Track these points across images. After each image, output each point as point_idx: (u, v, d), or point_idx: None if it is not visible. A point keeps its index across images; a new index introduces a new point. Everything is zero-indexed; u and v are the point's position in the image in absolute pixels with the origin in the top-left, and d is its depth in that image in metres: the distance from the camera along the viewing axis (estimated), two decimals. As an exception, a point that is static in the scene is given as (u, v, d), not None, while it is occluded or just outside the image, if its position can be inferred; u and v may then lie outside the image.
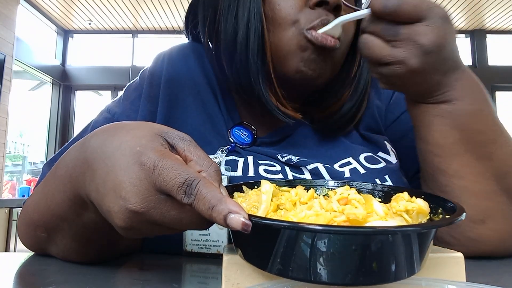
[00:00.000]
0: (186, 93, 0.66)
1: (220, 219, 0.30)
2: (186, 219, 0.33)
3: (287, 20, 0.56)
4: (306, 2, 0.56)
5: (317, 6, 0.55)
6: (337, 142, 0.66)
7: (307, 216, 0.32)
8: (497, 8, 4.99)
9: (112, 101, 0.69)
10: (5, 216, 3.50)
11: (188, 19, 0.71)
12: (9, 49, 4.22)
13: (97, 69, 5.69)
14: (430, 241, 0.31)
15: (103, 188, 0.34)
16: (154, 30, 5.69)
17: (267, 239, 0.30)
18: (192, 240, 0.55)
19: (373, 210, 0.32)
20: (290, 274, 0.29)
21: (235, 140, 0.63)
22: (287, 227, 0.28)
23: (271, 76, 0.58)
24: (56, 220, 0.45)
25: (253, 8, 0.57)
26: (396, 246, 0.28)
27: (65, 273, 0.45)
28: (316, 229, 0.27)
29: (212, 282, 0.44)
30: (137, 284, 0.41)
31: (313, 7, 0.56)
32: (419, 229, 0.28)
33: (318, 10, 0.55)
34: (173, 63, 0.67)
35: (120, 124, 0.39)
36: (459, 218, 0.30)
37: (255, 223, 0.29)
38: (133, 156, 0.33)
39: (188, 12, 0.70)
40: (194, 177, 0.31)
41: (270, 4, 0.57)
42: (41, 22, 5.25)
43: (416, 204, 0.34)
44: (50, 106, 5.54)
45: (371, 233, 0.27)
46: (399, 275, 0.28)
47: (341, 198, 0.34)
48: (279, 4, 0.57)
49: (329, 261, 0.27)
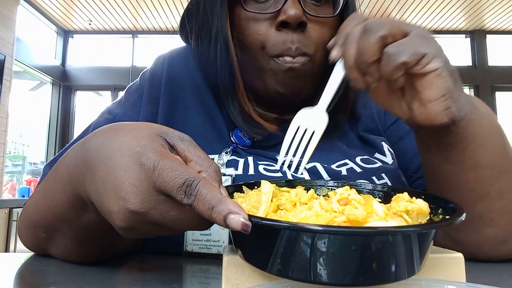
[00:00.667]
0: (187, 94, 0.66)
1: (220, 220, 0.30)
2: (186, 219, 0.33)
3: (255, 46, 0.57)
4: (272, 24, 0.56)
5: (282, 27, 0.55)
6: (334, 146, 0.66)
7: (307, 217, 0.32)
8: (497, 8, 4.99)
9: (112, 102, 0.69)
10: (5, 216, 3.49)
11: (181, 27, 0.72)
12: (9, 49, 4.22)
13: (97, 69, 5.68)
14: (430, 241, 0.31)
15: (103, 189, 0.34)
16: (154, 30, 5.69)
17: (267, 240, 0.30)
18: (193, 240, 0.55)
19: (373, 211, 0.33)
20: (290, 275, 0.29)
21: (237, 141, 0.64)
22: (287, 228, 0.28)
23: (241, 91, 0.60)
24: (56, 221, 0.45)
25: (219, 32, 0.58)
26: (396, 246, 0.28)
27: (65, 273, 0.45)
28: (316, 229, 0.27)
29: (212, 283, 0.44)
30: (137, 284, 0.41)
31: (278, 29, 0.56)
32: (419, 229, 0.28)
33: (283, 31, 0.56)
34: (173, 65, 0.68)
35: (120, 125, 0.39)
36: (459, 218, 0.30)
37: (255, 223, 0.29)
38: (133, 157, 0.33)
39: (182, 21, 0.71)
40: (194, 177, 0.32)
41: (239, 29, 0.58)
42: (41, 22, 5.25)
43: (416, 205, 0.34)
44: (50, 106, 5.53)
45: (371, 234, 0.27)
46: (399, 276, 0.28)
47: (341, 198, 0.34)
48: (246, 29, 0.57)
49: (329, 262, 0.27)
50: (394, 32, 0.40)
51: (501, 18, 5.27)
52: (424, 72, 0.40)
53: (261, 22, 0.57)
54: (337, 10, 0.58)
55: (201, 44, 0.62)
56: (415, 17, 5.25)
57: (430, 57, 0.39)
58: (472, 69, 5.62)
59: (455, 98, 0.41)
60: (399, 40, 0.40)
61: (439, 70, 0.40)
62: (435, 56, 0.40)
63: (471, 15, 5.21)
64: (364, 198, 0.34)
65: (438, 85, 0.40)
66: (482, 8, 5.00)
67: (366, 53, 0.40)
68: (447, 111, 0.41)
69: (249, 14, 0.57)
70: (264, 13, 0.56)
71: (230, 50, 0.58)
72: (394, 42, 0.40)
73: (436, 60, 0.39)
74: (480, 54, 5.63)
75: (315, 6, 0.58)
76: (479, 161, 0.47)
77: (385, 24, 0.40)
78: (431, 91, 0.40)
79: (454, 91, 0.41)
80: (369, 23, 0.41)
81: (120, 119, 0.64)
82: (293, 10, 0.53)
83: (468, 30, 5.67)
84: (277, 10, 0.55)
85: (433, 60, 0.39)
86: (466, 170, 0.47)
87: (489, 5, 4.90)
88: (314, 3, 0.58)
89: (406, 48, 0.39)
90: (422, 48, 0.39)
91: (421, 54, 0.39)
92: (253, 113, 0.60)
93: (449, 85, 0.40)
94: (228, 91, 0.60)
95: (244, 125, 0.60)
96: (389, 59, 0.39)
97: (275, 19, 0.55)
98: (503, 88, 5.60)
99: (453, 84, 0.41)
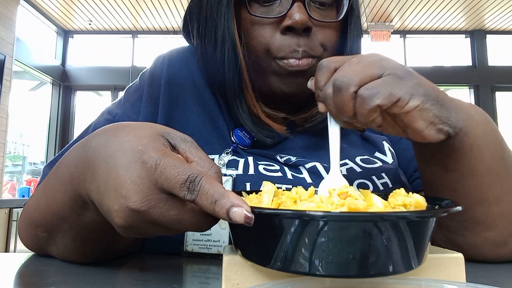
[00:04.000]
0: (187, 94, 0.66)
1: (223, 213, 0.30)
2: (186, 219, 0.33)
3: (260, 49, 0.57)
4: (277, 28, 0.56)
5: (287, 31, 0.56)
6: None
7: (309, 208, 0.32)
8: (497, 8, 4.99)
9: (112, 102, 0.69)
10: (5, 216, 3.49)
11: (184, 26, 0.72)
12: (9, 49, 4.22)
13: (97, 69, 5.68)
14: (428, 235, 0.31)
15: (104, 187, 0.34)
16: (154, 30, 5.68)
17: (269, 232, 0.30)
18: (193, 240, 0.55)
19: (373, 203, 0.33)
20: (292, 268, 0.29)
21: (237, 141, 0.64)
22: (289, 215, 0.28)
23: (249, 92, 0.59)
24: (56, 220, 0.45)
25: (226, 34, 0.58)
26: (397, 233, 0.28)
27: (65, 273, 0.45)
28: (318, 215, 0.27)
29: (212, 283, 0.44)
30: (137, 284, 0.41)
31: (283, 33, 0.56)
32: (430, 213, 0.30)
33: (288, 35, 0.56)
34: (173, 65, 0.68)
35: (122, 124, 0.39)
36: (455, 208, 0.31)
37: (257, 214, 0.29)
38: (134, 155, 0.33)
39: (185, 19, 0.71)
40: (197, 173, 0.32)
41: (245, 31, 0.58)
42: (41, 22, 5.24)
43: (414, 199, 0.34)
44: (50, 107, 5.53)
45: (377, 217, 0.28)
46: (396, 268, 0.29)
47: (341, 192, 0.34)
48: (251, 32, 0.58)
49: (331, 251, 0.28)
50: (365, 81, 0.40)
51: (501, 18, 5.27)
52: (405, 112, 0.39)
53: (266, 26, 0.57)
54: (341, 15, 0.58)
55: (205, 44, 0.62)
56: (415, 17, 5.25)
57: (407, 98, 0.39)
58: (472, 69, 5.62)
59: (444, 120, 0.41)
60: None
61: (421, 105, 0.39)
62: (412, 95, 0.39)
63: (471, 15, 5.21)
64: (363, 193, 0.35)
65: (424, 117, 0.40)
66: (482, 8, 5.00)
67: (344, 111, 0.41)
68: (441, 132, 0.41)
69: (254, 17, 0.57)
70: (269, 18, 0.56)
71: (238, 52, 0.58)
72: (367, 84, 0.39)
73: (414, 98, 0.39)
74: (480, 54, 5.63)
75: (320, 10, 0.58)
76: (476, 169, 0.47)
77: (354, 76, 0.40)
78: (418, 123, 0.40)
79: (442, 115, 0.41)
80: (337, 78, 0.41)
81: (119, 119, 0.64)
82: (298, 15, 0.53)
83: (468, 30, 5.67)
84: (283, 14, 0.55)
85: (411, 100, 0.39)
86: (463, 178, 0.48)
87: (489, 5, 4.90)
88: (318, 7, 0.58)
89: (379, 90, 0.39)
90: (396, 90, 0.39)
91: (396, 97, 0.39)
92: (262, 114, 0.60)
93: (435, 113, 0.40)
94: (237, 93, 0.59)
95: (253, 127, 0.60)
96: (363, 102, 0.39)
97: (280, 23, 0.56)
98: (503, 88, 5.60)
99: (439, 109, 0.40)
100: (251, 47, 0.58)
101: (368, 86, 0.39)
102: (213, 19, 0.59)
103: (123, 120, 0.63)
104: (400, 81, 0.39)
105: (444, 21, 5.38)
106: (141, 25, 5.56)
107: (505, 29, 5.62)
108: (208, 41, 0.61)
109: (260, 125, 0.61)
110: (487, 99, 5.48)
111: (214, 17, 0.59)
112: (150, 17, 5.30)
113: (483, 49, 5.66)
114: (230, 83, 0.59)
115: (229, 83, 0.59)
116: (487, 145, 0.47)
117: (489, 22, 5.43)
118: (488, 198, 0.48)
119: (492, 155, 0.48)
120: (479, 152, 0.46)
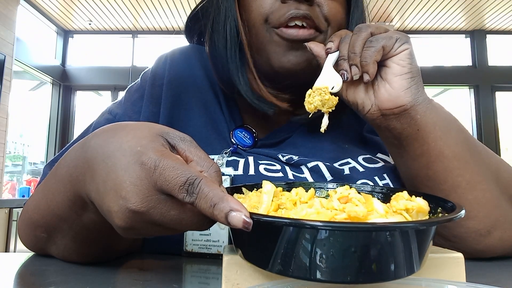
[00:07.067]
0: (189, 94, 0.66)
1: (221, 217, 0.30)
2: (186, 219, 0.33)
3: (258, 20, 0.58)
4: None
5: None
6: (336, 145, 0.66)
7: (308, 214, 0.32)
8: (497, 8, 4.98)
9: (113, 102, 0.69)
10: (5, 216, 3.49)
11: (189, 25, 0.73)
12: (9, 49, 4.22)
13: (97, 69, 5.68)
14: (430, 239, 0.31)
15: (103, 188, 0.34)
16: (154, 30, 5.68)
17: (268, 237, 0.30)
18: (193, 240, 0.55)
19: (374, 209, 0.33)
20: (291, 273, 0.29)
21: (237, 142, 0.64)
22: (288, 224, 0.28)
23: (252, 71, 0.60)
24: (56, 220, 0.45)
25: (228, 12, 0.60)
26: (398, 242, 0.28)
27: (65, 274, 0.45)
28: (317, 225, 0.27)
29: (212, 283, 0.44)
30: (137, 284, 0.41)
31: (284, 1, 0.56)
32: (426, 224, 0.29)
33: (289, 3, 0.56)
34: (175, 65, 0.68)
35: (121, 125, 0.39)
36: (457, 215, 0.30)
37: (256, 220, 0.29)
38: (133, 156, 0.33)
39: (190, 19, 0.71)
40: (196, 176, 0.32)
41: (245, 7, 0.59)
42: (41, 22, 5.24)
43: (416, 203, 0.34)
44: (50, 106, 5.53)
45: (374, 229, 0.27)
46: (398, 274, 0.28)
47: (341, 196, 0.34)
48: (251, 6, 0.58)
49: (330, 258, 0.27)
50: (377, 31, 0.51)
51: (501, 18, 5.27)
52: (396, 53, 0.50)
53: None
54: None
55: (212, 30, 0.63)
56: (415, 17, 5.25)
57: (402, 41, 0.50)
58: (472, 69, 5.62)
59: (416, 81, 0.50)
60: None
61: (408, 50, 0.50)
62: (406, 42, 0.50)
63: (471, 15, 5.21)
64: (364, 197, 0.34)
65: (406, 62, 0.50)
66: (482, 8, 4.99)
67: (356, 46, 0.49)
68: (408, 90, 0.50)
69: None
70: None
71: (239, 29, 0.59)
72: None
73: (406, 44, 0.50)
74: (480, 54, 5.63)
75: None
76: (443, 152, 0.51)
77: (371, 26, 0.51)
78: (398, 66, 0.50)
79: (416, 74, 0.50)
80: (359, 25, 0.52)
81: (120, 119, 0.63)
82: None
83: (468, 30, 5.66)
84: None
85: (404, 44, 0.50)
86: (432, 162, 0.52)
87: (489, 5, 4.90)
88: None
89: (384, 37, 0.50)
90: (396, 35, 0.50)
91: (395, 39, 0.50)
92: (264, 92, 0.60)
93: (413, 67, 0.50)
94: (238, 69, 0.60)
95: (254, 98, 0.60)
96: (371, 44, 0.49)
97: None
98: (503, 88, 5.59)
99: (416, 70, 0.51)
100: (251, 20, 0.58)
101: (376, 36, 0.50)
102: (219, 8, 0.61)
103: (123, 119, 0.63)
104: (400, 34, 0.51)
105: (444, 21, 5.38)
106: (141, 25, 5.56)
107: (505, 29, 5.62)
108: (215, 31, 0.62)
109: (262, 99, 0.60)
110: (487, 99, 5.47)
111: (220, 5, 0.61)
112: (150, 17, 5.30)
113: (483, 49, 5.65)
114: (232, 60, 0.60)
115: (232, 59, 0.60)
116: (450, 129, 0.52)
117: (489, 22, 5.43)
118: (461, 184, 0.51)
119: (456, 139, 0.52)
120: (443, 134, 0.51)
